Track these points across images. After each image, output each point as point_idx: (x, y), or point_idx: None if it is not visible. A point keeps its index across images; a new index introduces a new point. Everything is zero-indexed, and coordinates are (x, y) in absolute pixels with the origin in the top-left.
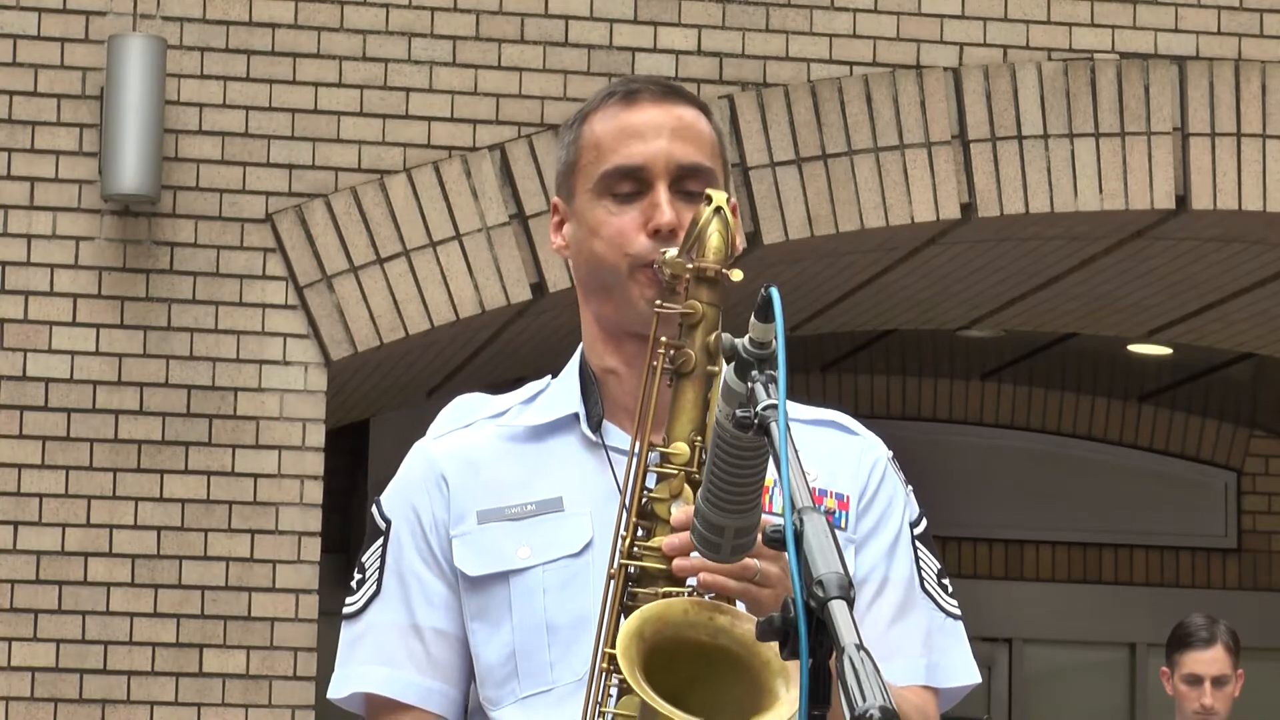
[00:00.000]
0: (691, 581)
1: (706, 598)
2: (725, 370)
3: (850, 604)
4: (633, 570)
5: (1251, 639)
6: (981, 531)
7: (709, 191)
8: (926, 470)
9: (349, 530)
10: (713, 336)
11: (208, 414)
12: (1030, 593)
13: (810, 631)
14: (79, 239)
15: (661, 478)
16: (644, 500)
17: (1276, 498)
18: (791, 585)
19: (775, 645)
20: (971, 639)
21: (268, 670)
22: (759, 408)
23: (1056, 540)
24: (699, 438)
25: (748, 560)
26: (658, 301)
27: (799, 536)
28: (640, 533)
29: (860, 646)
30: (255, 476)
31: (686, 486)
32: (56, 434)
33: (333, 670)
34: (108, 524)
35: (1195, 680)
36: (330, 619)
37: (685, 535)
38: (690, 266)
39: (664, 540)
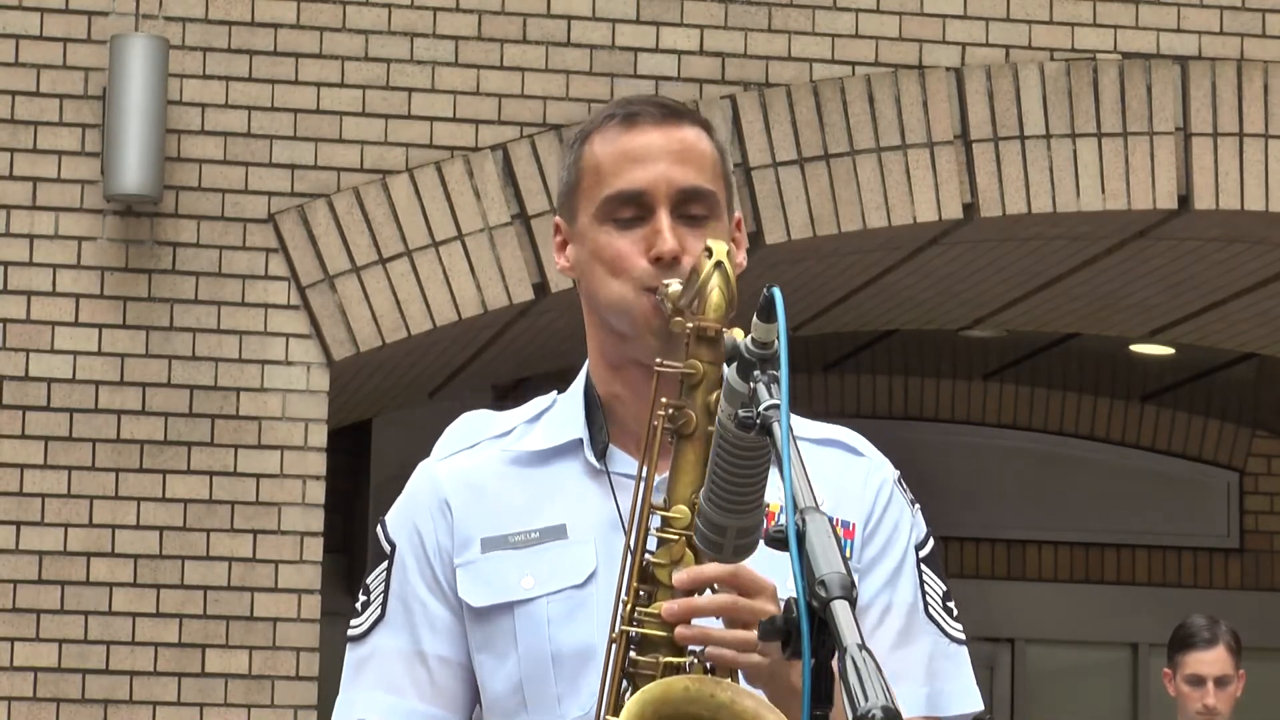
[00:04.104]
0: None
1: (708, 665)
2: (727, 370)
3: (852, 604)
4: (634, 635)
5: (1253, 639)
6: (984, 531)
7: (710, 243)
8: (929, 471)
9: (351, 530)
10: (713, 396)
11: (210, 414)
12: (1032, 593)
13: (812, 631)
14: (81, 239)
15: (662, 542)
16: (644, 564)
17: (1278, 498)
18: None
19: None
20: (974, 639)
21: (270, 670)
22: (761, 408)
23: (1059, 540)
24: (700, 500)
25: (746, 633)
26: (658, 359)
27: (801, 536)
28: (641, 595)
29: (862, 646)
30: (257, 476)
31: (688, 551)
32: (59, 434)
33: (334, 671)
34: (110, 524)
35: (1198, 681)
36: (332, 619)
37: (685, 601)
38: (691, 326)
39: (664, 606)
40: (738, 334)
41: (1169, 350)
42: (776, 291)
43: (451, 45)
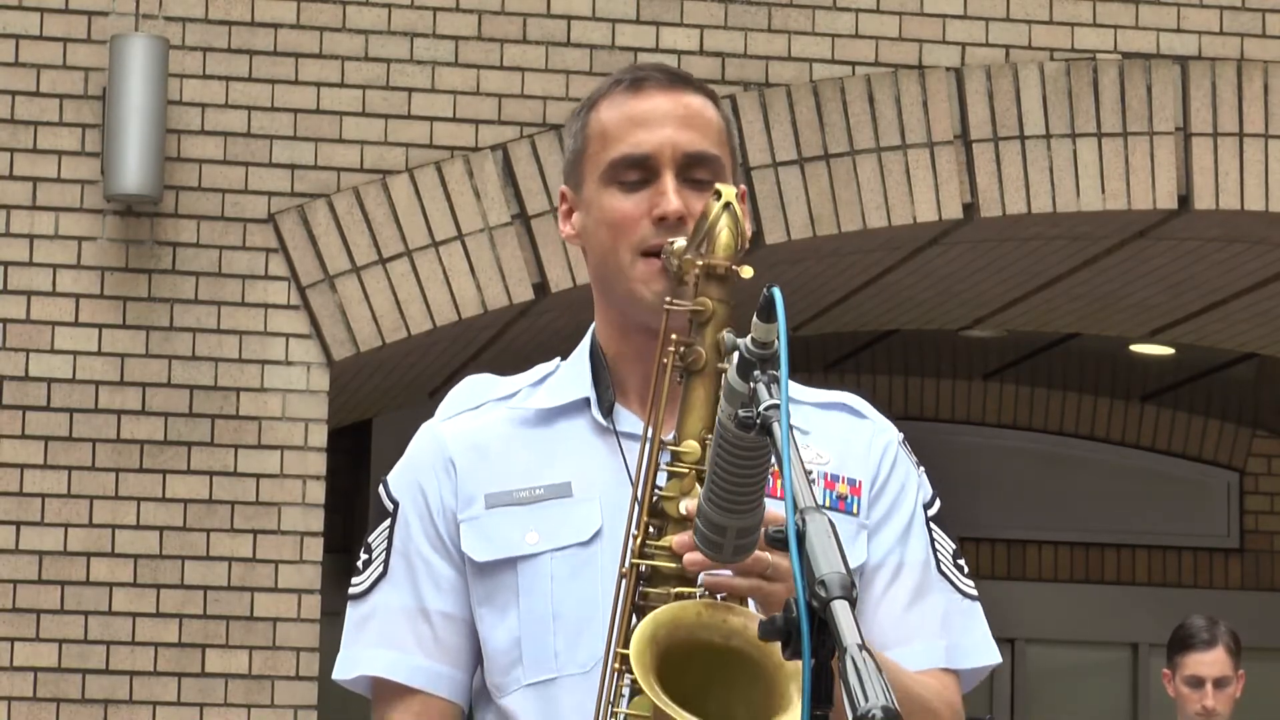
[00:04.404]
0: (703, 577)
1: (719, 597)
2: (727, 370)
3: (853, 604)
4: (644, 569)
5: (1253, 639)
6: (984, 531)
7: (719, 186)
8: (928, 470)
9: (351, 530)
10: (723, 333)
11: (210, 414)
12: (1033, 593)
13: (813, 631)
14: (81, 239)
15: (672, 475)
16: (654, 499)
17: (1278, 498)
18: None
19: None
20: None
21: (270, 670)
22: (761, 408)
23: (1059, 540)
24: (709, 435)
25: (758, 554)
26: (668, 298)
27: (801, 536)
28: (651, 531)
29: (862, 646)
30: (257, 476)
31: (697, 485)
32: (59, 434)
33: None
34: (110, 524)
35: (1197, 682)
36: (333, 619)
37: None
38: (700, 264)
39: (674, 538)
40: (746, 271)
41: (1169, 350)
42: (776, 291)
43: (451, 45)
